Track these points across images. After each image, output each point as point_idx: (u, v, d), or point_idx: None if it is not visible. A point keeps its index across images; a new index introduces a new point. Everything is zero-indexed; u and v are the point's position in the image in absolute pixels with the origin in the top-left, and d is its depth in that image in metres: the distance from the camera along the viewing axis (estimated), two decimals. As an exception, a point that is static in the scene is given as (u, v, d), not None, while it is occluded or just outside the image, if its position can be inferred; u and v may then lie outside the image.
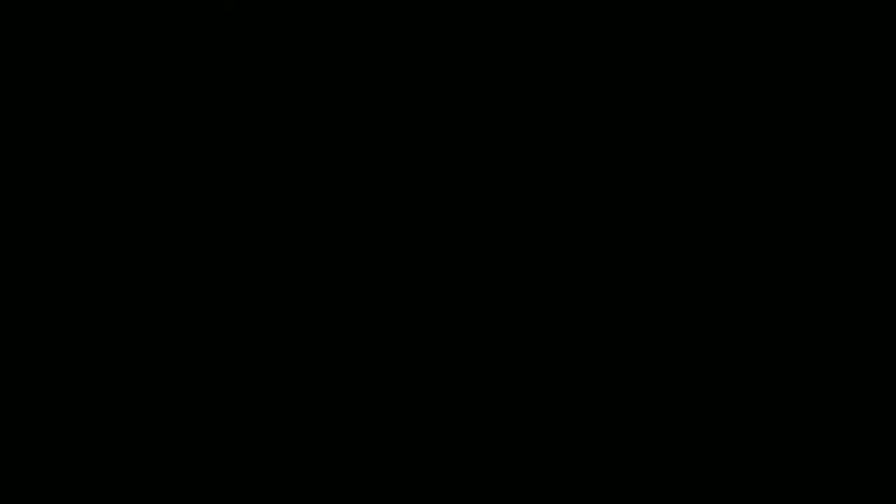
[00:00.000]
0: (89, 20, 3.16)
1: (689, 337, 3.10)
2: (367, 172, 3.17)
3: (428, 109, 3.18)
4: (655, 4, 3.18)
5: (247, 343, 3.10)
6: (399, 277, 3.14)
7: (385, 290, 3.13)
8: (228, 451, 3.05)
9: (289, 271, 3.14)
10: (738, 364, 3.08)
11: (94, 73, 3.15)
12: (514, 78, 3.19)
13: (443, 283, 3.13)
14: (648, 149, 3.17)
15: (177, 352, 3.09)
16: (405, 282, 3.13)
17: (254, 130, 3.18)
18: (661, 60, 3.18)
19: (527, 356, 3.10)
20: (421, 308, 3.12)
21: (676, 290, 3.12)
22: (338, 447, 3.06)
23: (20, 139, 3.14)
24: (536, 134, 3.18)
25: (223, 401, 3.07)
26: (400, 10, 3.19)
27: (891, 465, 3.00)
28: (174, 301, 3.11)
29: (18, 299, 3.09)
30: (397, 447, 3.07)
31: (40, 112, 3.15)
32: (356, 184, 3.17)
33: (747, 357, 3.09)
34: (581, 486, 3.04)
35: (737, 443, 3.04)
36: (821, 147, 3.15)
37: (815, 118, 3.16)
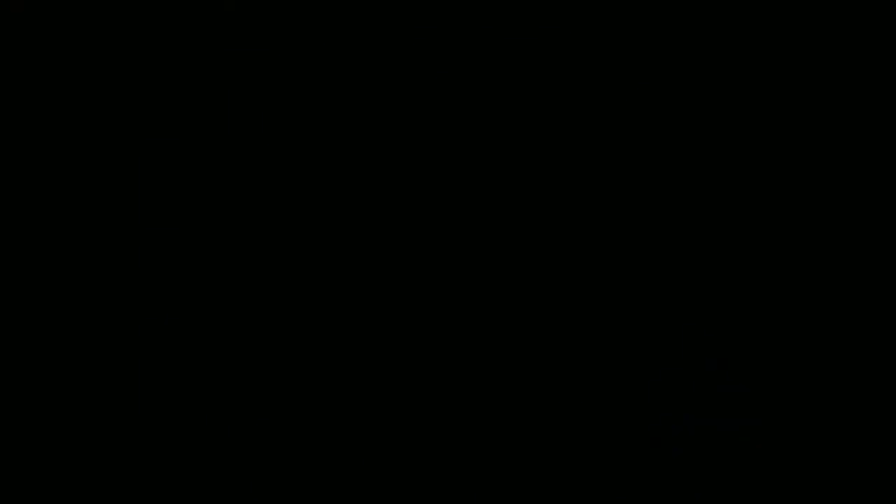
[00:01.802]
0: (89, 20, 3.16)
1: (688, 337, 3.10)
2: (367, 172, 3.17)
3: (428, 109, 3.18)
4: (655, 4, 3.18)
5: (247, 343, 3.10)
6: (399, 277, 3.13)
7: (385, 291, 3.13)
8: (228, 451, 3.05)
9: (289, 271, 3.13)
10: (737, 364, 3.08)
11: (94, 73, 3.15)
12: (514, 78, 3.19)
13: (443, 283, 3.13)
14: (648, 149, 3.17)
15: (177, 352, 3.09)
16: (405, 282, 3.13)
17: (254, 130, 3.18)
18: (661, 60, 3.18)
19: (526, 357, 3.10)
20: (421, 308, 3.12)
21: (676, 289, 3.12)
22: (338, 447, 3.06)
23: (20, 139, 3.14)
24: (537, 134, 3.18)
25: (223, 401, 3.07)
26: (400, 10, 3.19)
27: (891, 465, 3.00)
28: (174, 301, 3.11)
29: (18, 299, 3.08)
30: (397, 448, 3.06)
31: (40, 112, 3.15)
32: (356, 184, 3.17)
33: (747, 357, 3.09)
34: (579, 486, 3.04)
35: (740, 443, 3.04)
36: (821, 147, 3.15)
37: (816, 118, 3.16)
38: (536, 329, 3.11)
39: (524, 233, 3.15)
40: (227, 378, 3.08)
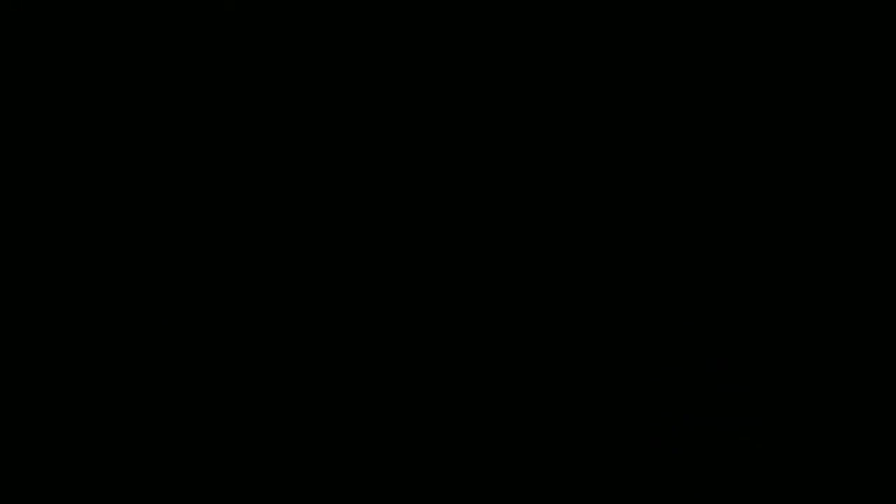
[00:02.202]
0: (89, 20, 3.16)
1: (688, 336, 3.10)
2: (367, 172, 3.17)
3: (428, 109, 3.18)
4: (655, 4, 3.18)
5: (247, 343, 3.10)
6: (399, 278, 3.13)
7: (385, 291, 3.13)
8: (228, 451, 3.05)
9: (289, 271, 3.13)
10: (737, 364, 3.08)
11: (95, 73, 3.15)
12: (514, 78, 3.19)
13: (443, 283, 3.13)
14: (648, 149, 3.17)
15: (177, 352, 3.09)
16: (405, 282, 3.13)
17: (254, 130, 3.17)
18: (661, 60, 3.18)
19: (526, 357, 3.10)
20: (421, 308, 3.12)
21: (676, 289, 3.12)
22: (338, 447, 3.06)
23: (20, 139, 3.14)
24: (536, 135, 3.18)
25: (223, 401, 3.07)
26: (400, 10, 3.19)
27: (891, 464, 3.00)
28: (174, 301, 3.11)
29: (19, 299, 3.08)
30: (397, 448, 3.06)
31: (40, 112, 3.14)
32: (356, 184, 3.17)
33: (747, 357, 3.09)
34: (580, 486, 3.04)
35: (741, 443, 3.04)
36: (820, 147, 3.15)
37: (816, 118, 3.16)
38: (537, 329, 3.11)
39: (524, 233, 3.15)
40: (226, 378, 3.08)
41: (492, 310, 3.12)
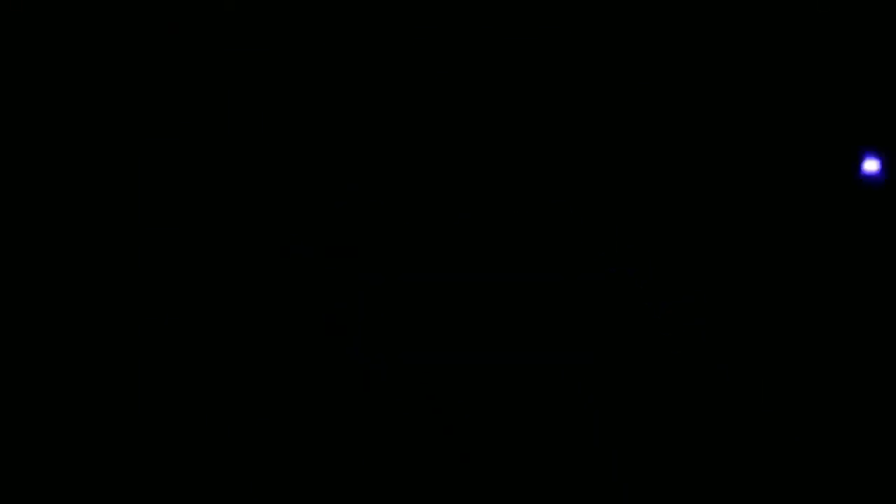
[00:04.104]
0: (89, 20, 3.16)
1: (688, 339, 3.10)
2: (367, 173, 3.18)
3: (428, 110, 3.19)
4: (655, 4, 3.19)
5: (247, 343, 3.10)
6: (399, 276, 3.14)
7: (386, 290, 3.13)
8: (228, 451, 3.05)
9: (288, 271, 3.14)
10: (739, 368, 3.09)
11: (95, 73, 3.16)
12: (515, 78, 3.19)
13: (444, 281, 3.14)
14: (649, 149, 3.18)
15: (177, 352, 3.09)
16: (405, 281, 3.13)
17: (254, 130, 3.18)
18: (661, 61, 3.19)
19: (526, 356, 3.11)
20: (422, 306, 3.12)
21: (678, 290, 3.13)
22: (337, 448, 3.06)
23: (20, 139, 3.14)
24: (536, 134, 3.19)
25: (223, 401, 3.07)
26: (400, 10, 3.19)
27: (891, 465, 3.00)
28: (174, 301, 3.11)
29: (19, 299, 3.09)
30: (398, 449, 3.07)
31: (40, 112, 3.15)
32: (356, 184, 3.17)
33: (747, 359, 3.09)
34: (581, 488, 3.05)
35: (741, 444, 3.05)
36: (815, 149, 3.16)
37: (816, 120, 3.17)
38: (537, 329, 3.12)
39: (522, 231, 3.15)
40: (227, 378, 3.09)
41: (492, 311, 3.12)
